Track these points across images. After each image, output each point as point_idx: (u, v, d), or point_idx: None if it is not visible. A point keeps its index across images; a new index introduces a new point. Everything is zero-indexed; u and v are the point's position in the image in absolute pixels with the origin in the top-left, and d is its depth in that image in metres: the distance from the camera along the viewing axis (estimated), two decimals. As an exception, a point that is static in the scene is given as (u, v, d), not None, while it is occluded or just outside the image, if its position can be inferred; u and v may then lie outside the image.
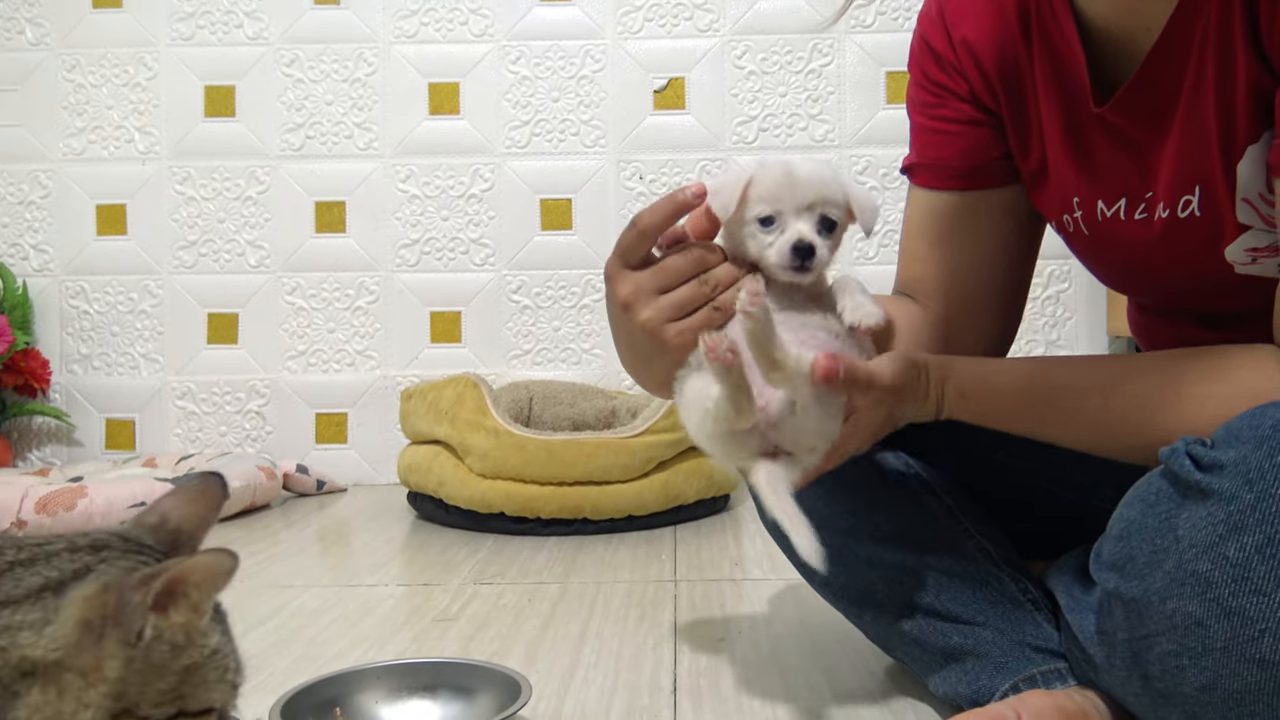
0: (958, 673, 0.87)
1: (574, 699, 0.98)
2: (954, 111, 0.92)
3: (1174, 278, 0.78)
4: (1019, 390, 0.78)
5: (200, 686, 0.52)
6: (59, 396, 2.29)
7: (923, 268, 0.98)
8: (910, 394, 0.78)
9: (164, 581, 0.49)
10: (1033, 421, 0.78)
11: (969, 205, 0.94)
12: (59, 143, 2.29)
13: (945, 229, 0.95)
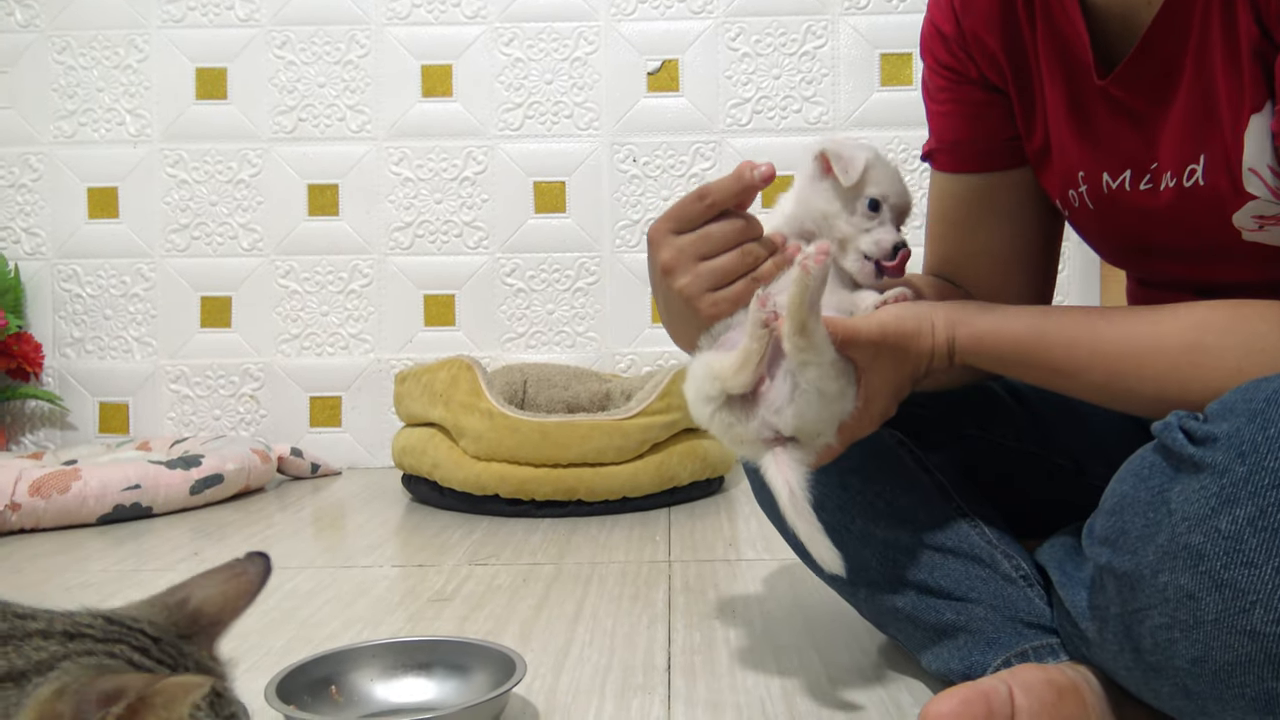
0: (950, 649, 0.87)
1: (569, 677, 0.99)
2: (967, 94, 0.94)
3: (1180, 247, 0.78)
4: (1035, 335, 0.77)
5: None
6: (52, 380, 2.28)
7: (949, 251, 0.99)
8: (914, 343, 0.78)
9: (125, 706, 0.43)
10: (1048, 369, 0.77)
11: (989, 187, 0.95)
12: (49, 125, 2.28)
13: (968, 212, 0.96)
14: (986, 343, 0.79)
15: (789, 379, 0.78)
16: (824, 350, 0.75)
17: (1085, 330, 0.77)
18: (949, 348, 0.80)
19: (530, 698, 0.93)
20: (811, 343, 0.74)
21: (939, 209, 1.00)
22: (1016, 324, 0.79)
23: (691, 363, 0.83)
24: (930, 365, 0.80)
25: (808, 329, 0.73)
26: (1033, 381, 0.82)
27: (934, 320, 0.79)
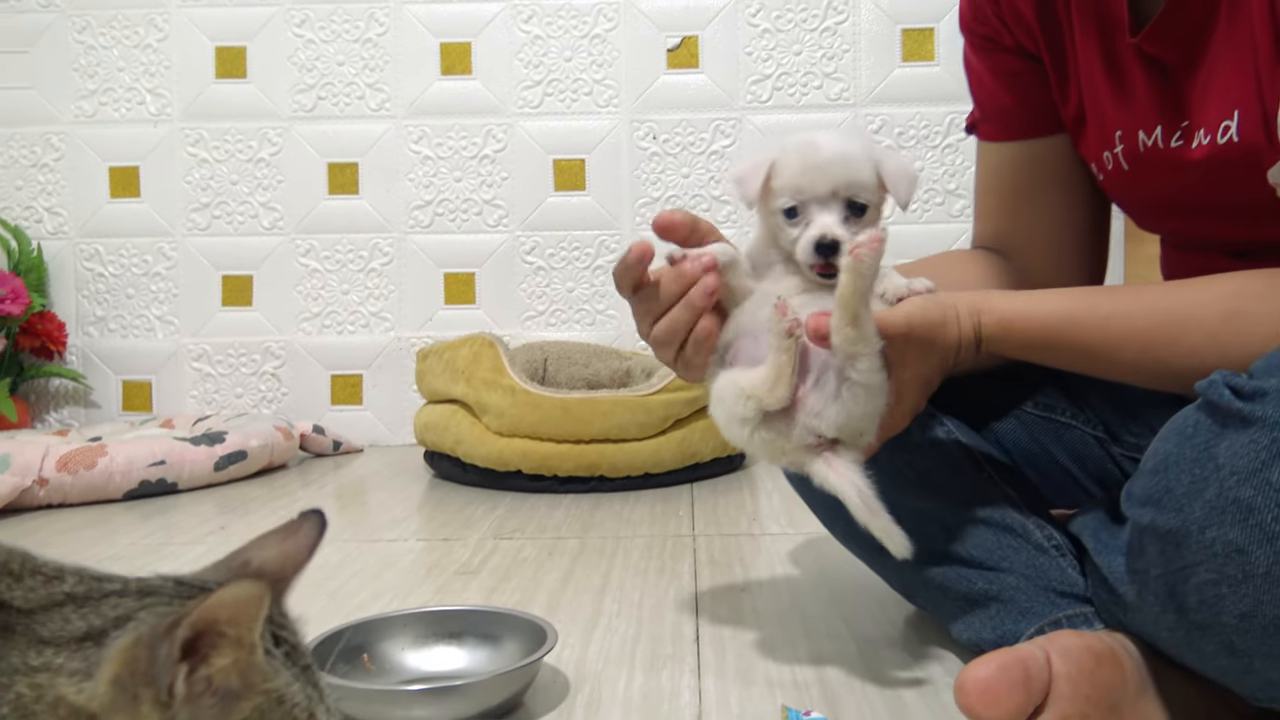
0: (982, 618, 0.87)
1: (597, 647, 0.99)
2: (1004, 63, 0.94)
3: (1214, 204, 0.78)
4: (1065, 317, 0.76)
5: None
6: (75, 359, 2.30)
7: (998, 223, 0.99)
8: (940, 333, 0.77)
9: (189, 626, 0.44)
10: (1079, 351, 0.76)
11: (1035, 156, 0.96)
12: (70, 105, 2.28)
13: (1016, 184, 0.97)
14: (1015, 328, 0.78)
15: (830, 379, 0.76)
16: (873, 340, 0.73)
17: (1117, 307, 0.76)
18: (975, 335, 0.78)
19: (560, 667, 0.94)
20: (862, 333, 0.72)
21: (987, 182, 1.01)
22: (1044, 307, 0.78)
23: (712, 386, 0.81)
24: (958, 356, 0.79)
25: (860, 319, 0.72)
26: (1063, 365, 0.81)
27: (958, 309, 0.78)
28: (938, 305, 0.77)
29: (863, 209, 0.79)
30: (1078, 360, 0.79)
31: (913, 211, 2.22)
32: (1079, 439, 0.99)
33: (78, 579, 0.50)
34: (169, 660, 0.44)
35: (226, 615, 0.45)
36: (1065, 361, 0.80)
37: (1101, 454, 0.97)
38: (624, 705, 0.85)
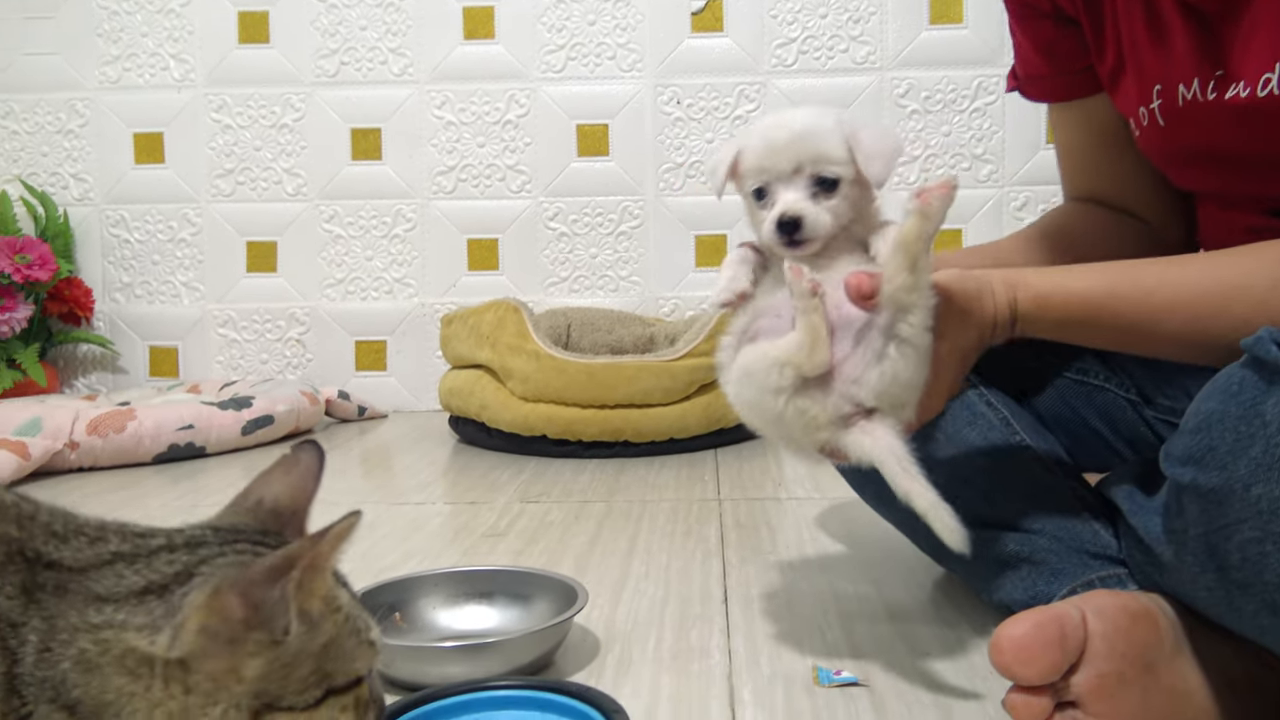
0: (1013, 580, 0.87)
1: (626, 608, 1.00)
2: (1042, 32, 0.94)
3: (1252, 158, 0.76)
4: (1106, 291, 0.74)
5: (342, 659, 0.49)
6: (103, 324, 2.31)
7: (1085, 182, 0.99)
8: (977, 306, 0.75)
9: (302, 571, 0.46)
10: (1120, 326, 0.74)
11: (1088, 113, 0.95)
12: (95, 71, 2.29)
13: (1089, 139, 0.97)
14: (1052, 304, 0.76)
15: (875, 338, 0.73)
16: (929, 291, 0.71)
17: (1160, 278, 0.74)
18: (1011, 312, 0.76)
19: (590, 627, 0.94)
20: (919, 282, 0.70)
21: (1064, 143, 1.01)
22: (1083, 281, 0.76)
23: (734, 364, 0.77)
24: (993, 334, 0.77)
25: (918, 266, 0.70)
26: (1102, 343, 0.79)
27: (993, 284, 0.76)
28: (973, 278, 0.76)
29: (833, 183, 0.77)
30: (1119, 336, 0.76)
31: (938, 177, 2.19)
32: (1111, 402, 0.98)
33: (121, 537, 0.51)
34: (284, 602, 0.46)
35: (328, 556, 0.47)
36: (1105, 338, 0.77)
37: (1134, 417, 0.96)
38: (654, 664, 0.86)
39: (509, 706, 0.70)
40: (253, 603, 0.45)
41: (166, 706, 0.45)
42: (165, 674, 0.45)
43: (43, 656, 0.46)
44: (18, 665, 0.46)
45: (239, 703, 0.46)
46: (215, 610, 0.45)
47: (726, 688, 0.81)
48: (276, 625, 0.46)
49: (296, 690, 0.47)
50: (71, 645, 0.46)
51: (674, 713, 0.77)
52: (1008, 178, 2.20)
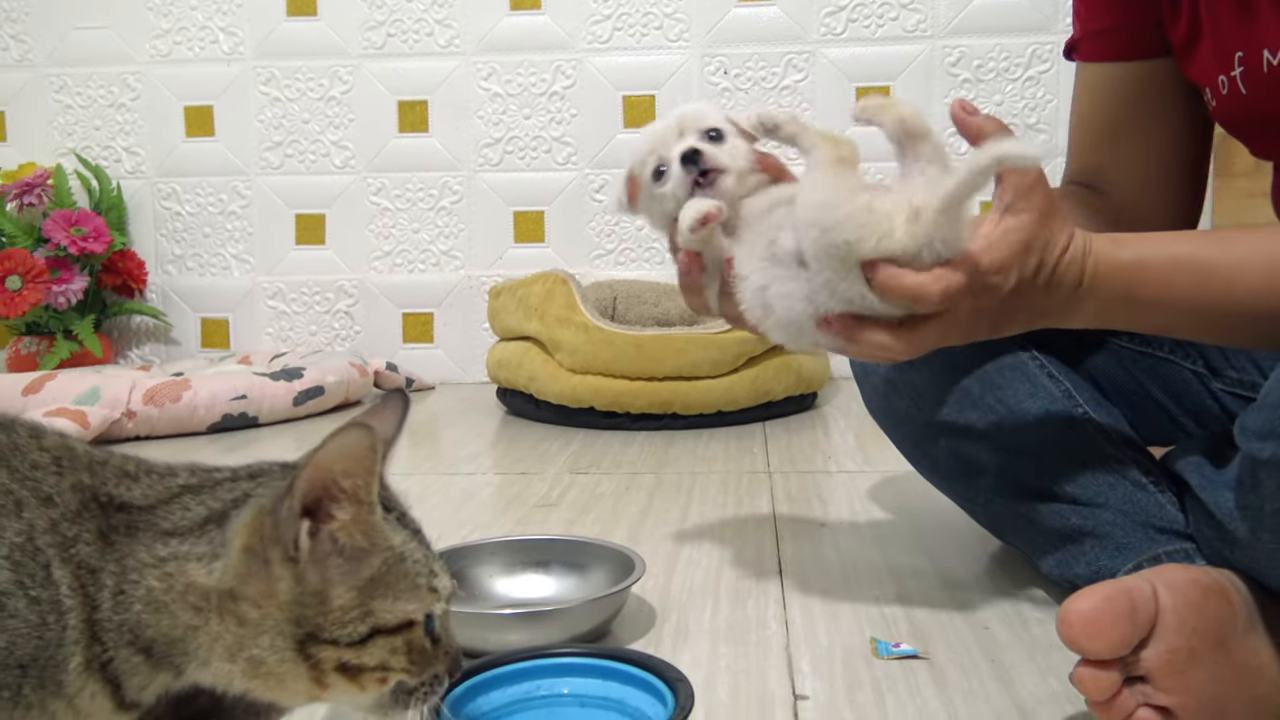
0: (1074, 554, 0.86)
1: (680, 578, 1.00)
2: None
3: None
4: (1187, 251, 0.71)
5: (389, 598, 0.49)
6: (155, 296, 2.35)
7: (1093, 155, 0.96)
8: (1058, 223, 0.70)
9: (305, 480, 0.46)
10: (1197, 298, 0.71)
11: (1136, 79, 0.92)
12: (146, 44, 2.31)
13: (1113, 110, 0.93)
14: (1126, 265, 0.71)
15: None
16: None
17: (1240, 239, 0.72)
18: (1080, 260, 0.71)
19: (645, 597, 0.95)
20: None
21: (1083, 110, 0.98)
22: (1161, 243, 0.73)
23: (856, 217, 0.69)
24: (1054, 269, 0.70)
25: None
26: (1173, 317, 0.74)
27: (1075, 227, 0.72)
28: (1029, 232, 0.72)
29: (719, 134, 0.78)
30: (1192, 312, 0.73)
31: (991, 147, 2.16)
32: (1176, 374, 0.96)
33: (190, 472, 0.52)
34: (291, 515, 0.47)
35: (341, 466, 0.47)
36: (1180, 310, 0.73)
37: (1200, 390, 0.95)
38: (711, 634, 0.86)
39: (572, 674, 0.70)
40: (276, 520, 0.47)
41: (224, 640, 0.47)
42: (220, 606, 0.47)
43: (118, 600, 0.47)
44: (97, 611, 0.47)
45: (282, 630, 0.47)
46: (255, 529, 0.47)
47: (785, 658, 0.81)
48: (287, 538, 0.47)
49: (337, 623, 0.47)
50: (140, 584, 0.47)
51: (733, 683, 0.77)
52: (1062, 148, 2.15)
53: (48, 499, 0.47)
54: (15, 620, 0.45)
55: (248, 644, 0.47)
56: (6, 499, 0.47)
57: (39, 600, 0.46)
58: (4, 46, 2.33)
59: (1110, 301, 0.73)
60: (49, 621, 0.46)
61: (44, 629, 0.46)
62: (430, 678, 0.53)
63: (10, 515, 0.46)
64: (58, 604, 0.46)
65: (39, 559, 0.46)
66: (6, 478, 0.47)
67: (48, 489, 0.48)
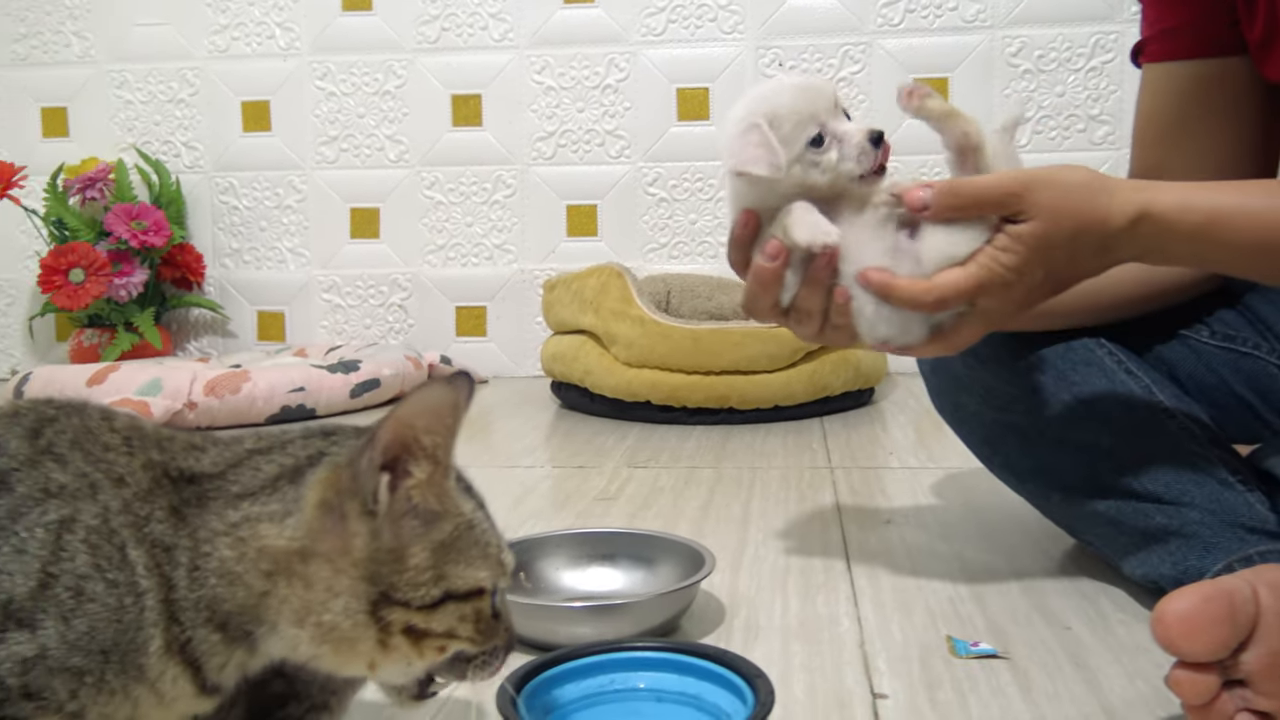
0: (1160, 554, 0.84)
1: (747, 574, 0.99)
2: None
3: None
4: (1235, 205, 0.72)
5: (461, 563, 0.49)
6: (213, 289, 2.37)
7: (1157, 154, 0.94)
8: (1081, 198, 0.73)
9: (387, 432, 0.46)
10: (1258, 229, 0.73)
11: (1206, 79, 0.90)
12: (204, 40, 2.33)
13: (1181, 111, 0.91)
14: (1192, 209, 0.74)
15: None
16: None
17: None
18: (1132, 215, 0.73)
19: (713, 592, 0.93)
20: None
21: (1149, 111, 0.95)
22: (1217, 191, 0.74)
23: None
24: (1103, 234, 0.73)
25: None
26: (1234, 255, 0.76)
27: (1112, 184, 0.74)
28: (1088, 171, 0.75)
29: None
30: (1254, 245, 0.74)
31: (1051, 139, 2.12)
32: (1261, 370, 0.93)
33: (256, 438, 0.51)
34: (371, 467, 0.47)
35: (424, 422, 0.47)
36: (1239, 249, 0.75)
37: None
38: (782, 630, 0.85)
39: (648, 668, 0.69)
40: (354, 473, 0.47)
41: (292, 603, 0.47)
42: (288, 570, 0.47)
43: (193, 576, 0.47)
44: (174, 590, 0.47)
45: (355, 590, 0.47)
46: (332, 483, 0.47)
47: (859, 655, 0.79)
48: (367, 490, 0.47)
49: (411, 584, 0.47)
50: (213, 556, 0.47)
51: (809, 681, 0.75)
52: (1125, 140, 2.11)
53: (120, 479, 0.47)
54: (94, 604, 0.45)
55: (317, 606, 0.47)
56: (81, 482, 0.47)
57: (117, 583, 0.45)
58: (66, 43, 2.36)
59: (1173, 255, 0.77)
60: (127, 604, 0.46)
61: (122, 612, 0.46)
62: (490, 649, 0.52)
63: (86, 499, 0.46)
64: (134, 585, 0.46)
65: (114, 541, 0.46)
66: (81, 461, 0.47)
67: (120, 469, 0.48)
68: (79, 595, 0.45)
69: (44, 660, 0.44)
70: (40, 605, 0.44)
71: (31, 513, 0.45)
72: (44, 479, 0.46)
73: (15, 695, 0.44)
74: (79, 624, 0.45)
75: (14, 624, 0.44)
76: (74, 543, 0.45)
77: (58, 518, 0.45)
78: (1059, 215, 0.73)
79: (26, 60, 2.38)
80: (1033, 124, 2.13)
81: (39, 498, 0.46)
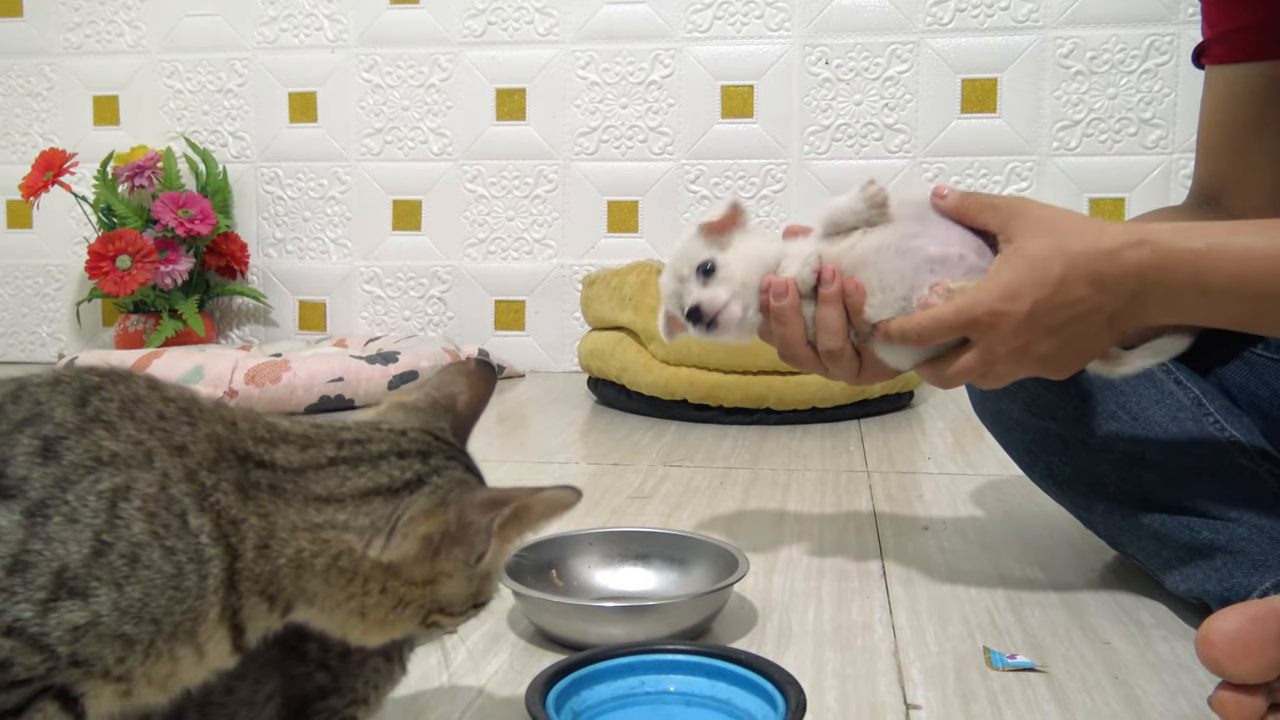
0: (1205, 570, 0.82)
1: (781, 578, 0.98)
2: None
3: None
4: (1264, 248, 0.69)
5: (490, 583, 0.54)
6: (256, 278, 2.40)
7: (1221, 162, 0.92)
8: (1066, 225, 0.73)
9: (512, 510, 0.50)
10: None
11: (1271, 79, 0.87)
12: (253, 31, 2.35)
13: (1247, 116, 0.89)
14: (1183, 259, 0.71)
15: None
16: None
17: None
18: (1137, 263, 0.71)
19: (746, 595, 0.93)
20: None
21: (1215, 117, 0.93)
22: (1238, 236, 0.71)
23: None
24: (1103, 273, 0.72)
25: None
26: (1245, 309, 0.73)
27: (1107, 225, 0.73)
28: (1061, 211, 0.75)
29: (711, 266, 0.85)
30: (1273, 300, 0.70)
31: (1102, 142, 2.08)
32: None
33: (336, 445, 0.51)
34: (487, 534, 0.50)
35: (539, 511, 0.51)
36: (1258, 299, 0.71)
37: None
38: (815, 636, 0.84)
39: (679, 671, 0.69)
40: (464, 524, 0.50)
41: (358, 601, 0.49)
42: (367, 573, 0.49)
43: (261, 553, 0.48)
44: (238, 560, 0.47)
45: (423, 605, 0.51)
46: (440, 522, 0.49)
47: (893, 664, 0.78)
48: (476, 550, 0.50)
49: (461, 603, 0.52)
50: (290, 544, 0.48)
51: (841, 689, 0.74)
52: (1178, 144, 2.07)
53: (181, 448, 0.47)
54: (150, 571, 0.45)
55: (377, 611, 0.50)
56: (136, 450, 0.46)
57: (174, 550, 0.45)
58: (119, 33, 2.40)
59: (1178, 291, 0.72)
60: (187, 571, 0.45)
61: (181, 579, 0.45)
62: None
63: (141, 467, 0.46)
64: (199, 553, 0.46)
65: (174, 509, 0.45)
66: (133, 429, 0.46)
67: (180, 438, 0.47)
68: (134, 563, 0.44)
69: (95, 628, 0.44)
70: (94, 573, 0.44)
71: (82, 481, 0.45)
72: (95, 447, 0.45)
73: (64, 663, 0.44)
74: (133, 591, 0.44)
75: (66, 592, 0.43)
76: (129, 510, 0.45)
77: (111, 486, 0.45)
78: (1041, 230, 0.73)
79: (80, 49, 2.41)
80: (1083, 126, 2.10)
81: (90, 466, 0.45)
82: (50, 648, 0.43)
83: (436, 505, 0.49)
